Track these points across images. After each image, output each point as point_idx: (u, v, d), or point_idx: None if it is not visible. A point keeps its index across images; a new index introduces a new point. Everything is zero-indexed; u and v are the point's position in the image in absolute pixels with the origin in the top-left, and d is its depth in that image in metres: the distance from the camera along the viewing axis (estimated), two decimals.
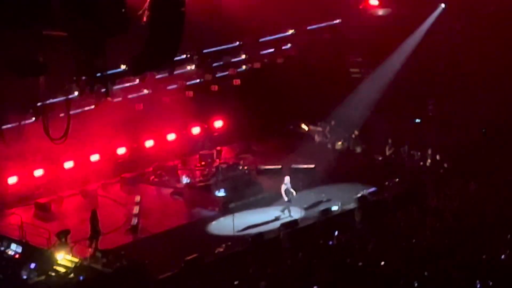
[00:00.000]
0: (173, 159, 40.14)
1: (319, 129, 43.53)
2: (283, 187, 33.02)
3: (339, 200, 33.81)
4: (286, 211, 33.14)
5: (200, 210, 34.76)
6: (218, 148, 41.46)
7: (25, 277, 27.92)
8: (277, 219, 32.80)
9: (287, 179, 33.26)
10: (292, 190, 33.15)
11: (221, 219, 33.35)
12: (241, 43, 41.64)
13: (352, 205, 33.36)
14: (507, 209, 31.72)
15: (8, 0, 14.44)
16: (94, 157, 37.71)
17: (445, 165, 37.37)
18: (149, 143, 40.17)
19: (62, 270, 28.32)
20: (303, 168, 38.19)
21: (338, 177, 36.84)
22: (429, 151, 38.42)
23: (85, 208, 34.96)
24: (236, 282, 26.60)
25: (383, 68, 42.42)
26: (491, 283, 24.77)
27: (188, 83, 40.22)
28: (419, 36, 41.86)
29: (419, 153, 39.08)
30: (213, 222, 33.12)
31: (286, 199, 33.07)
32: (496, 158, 36.60)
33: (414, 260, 26.85)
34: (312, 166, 38.44)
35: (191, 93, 40.08)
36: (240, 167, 37.38)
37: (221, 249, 29.43)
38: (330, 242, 30.34)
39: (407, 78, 41.43)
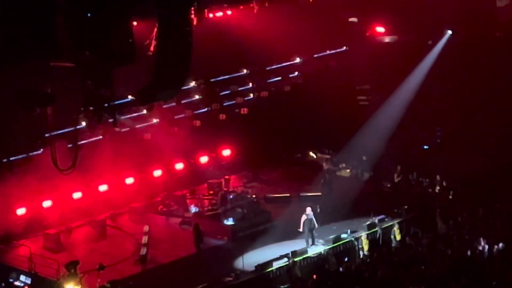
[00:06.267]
0: (181, 188, 40.04)
1: (327, 156, 43.45)
2: (304, 218, 32.55)
3: (347, 228, 33.69)
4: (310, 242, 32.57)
5: (209, 240, 34.62)
6: (226, 176, 41.40)
7: None
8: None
9: (308, 209, 32.73)
10: (315, 222, 32.59)
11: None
12: (248, 71, 41.82)
13: (361, 233, 33.22)
14: None
15: (16, 32, 14.50)
16: (103, 188, 37.65)
17: (451, 192, 37.25)
18: (157, 173, 40.11)
19: None
20: (312, 195, 38.00)
21: (346, 205, 36.65)
22: (438, 178, 38.29)
23: (94, 238, 34.99)
24: None
25: (392, 96, 42.41)
26: None
27: (195, 112, 40.39)
28: (427, 64, 41.91)
29: (427, 180, 38.99)
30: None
31: (301, 229, 32.58)
32: (504, 184, 36.45)
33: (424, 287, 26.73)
34: (320, 193, 38.24)
35: (198, 122, 40.21)
36: (249, 196, 37.35)
37: (231, 278, 29.33)
38: (340, 269, 30.28)
39: (415, 106, 41.41)
